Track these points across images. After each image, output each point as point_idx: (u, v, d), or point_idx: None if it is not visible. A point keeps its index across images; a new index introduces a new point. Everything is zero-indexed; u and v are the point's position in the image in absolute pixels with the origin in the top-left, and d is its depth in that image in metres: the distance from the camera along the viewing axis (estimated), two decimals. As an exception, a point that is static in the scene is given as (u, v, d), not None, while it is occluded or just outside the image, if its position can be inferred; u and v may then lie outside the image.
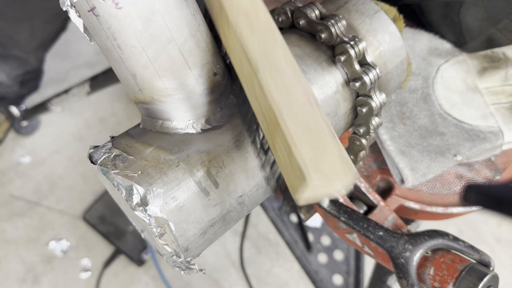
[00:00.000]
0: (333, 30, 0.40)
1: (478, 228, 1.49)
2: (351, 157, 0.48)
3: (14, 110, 1.55)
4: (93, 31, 0.33)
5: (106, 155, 0.35)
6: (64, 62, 1.79)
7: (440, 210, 0.58)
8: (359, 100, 0.43)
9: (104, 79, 1.24)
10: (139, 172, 0.33)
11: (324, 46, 0.42)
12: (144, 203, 0.33)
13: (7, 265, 1.36)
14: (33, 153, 1.59)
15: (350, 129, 0.47)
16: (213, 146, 0.36)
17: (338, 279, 1.04)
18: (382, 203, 0.52)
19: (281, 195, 0.59)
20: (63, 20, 1.27)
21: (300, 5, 0.44)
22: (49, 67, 1.59)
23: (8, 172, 1.54)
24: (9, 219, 1.44)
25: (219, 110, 0.38)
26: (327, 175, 0.27)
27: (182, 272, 0.38)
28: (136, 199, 0.33)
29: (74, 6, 0.32)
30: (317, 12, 0.42)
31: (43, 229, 1.42)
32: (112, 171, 0.34)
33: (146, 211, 0.33)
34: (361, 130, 0.45)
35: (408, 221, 0.69)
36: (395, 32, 0.44)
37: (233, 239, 1.43)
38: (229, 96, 0.39)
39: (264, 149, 0.36)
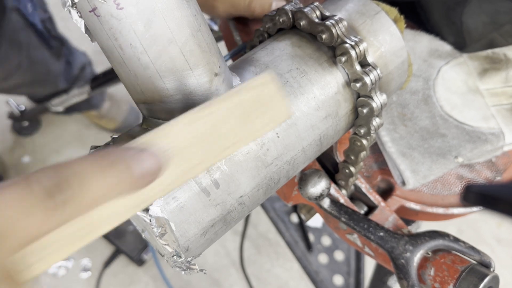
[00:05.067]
0: (334, 31, 0.40)
1: (478, 228, 1.49)
2: (352, 157, 0.48)
3: (14, 110, 1.55)
4: (94, 32, 0.33)
5: (107, 155, 0.35)
6: (65, 62, 1.79)
7: (440, 211, 0.58)
8: (360, 100, 0.43)
9: (104, 79, 1.24)
10: (140, 173, 0.33)
11: (325, 47, 0.42)
12: (145, 203, 0.33)
13: (7, 264, 1.36)
14: (33, 153, 1.59)
15: (351, 130, 0.47)
16: (214, 147, 0.36)
17: (338, 280, 1.04)
18: (382, 203, 0.52)
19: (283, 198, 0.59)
20: None
21: (301, 5, 0.44)
22: (49, 67, 1.58)
23: (8, 172, 1.54)
24: (9, 218, 1.44)
25: (220, 111, 0.38)
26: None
27: (183, 272, 0.38)
28: (137, 199, 0.33)
29: (76, 7, 0.32)
30: (318, 12, 0.42)
31: (43, 229, 1.43)
32: (113, 172, 0.34)
33: (147, 211, 0.33)
34: (362, 131, 0.45)
35: (408, 222, 0.69)
36: (396, 32, 0.44)
37: (233, 239, 1.44)
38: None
39: None
